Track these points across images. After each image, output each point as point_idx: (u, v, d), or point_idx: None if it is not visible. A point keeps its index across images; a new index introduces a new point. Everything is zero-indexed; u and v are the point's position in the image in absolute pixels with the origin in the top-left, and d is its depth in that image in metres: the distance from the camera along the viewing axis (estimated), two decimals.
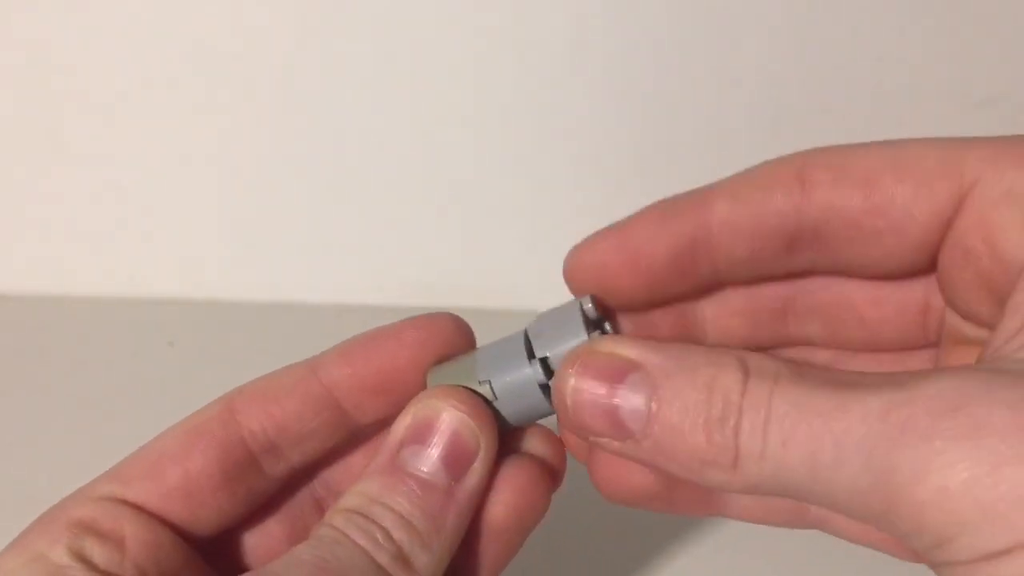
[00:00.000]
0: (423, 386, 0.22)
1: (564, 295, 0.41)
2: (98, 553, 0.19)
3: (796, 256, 0.20)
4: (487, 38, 0.41)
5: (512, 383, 0.21)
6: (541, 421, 0.22)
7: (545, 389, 0.21)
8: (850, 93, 0.42)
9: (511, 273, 0.47)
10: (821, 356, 0.22)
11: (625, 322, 0.22)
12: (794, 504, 0.21)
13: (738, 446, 0.16)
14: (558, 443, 0.22)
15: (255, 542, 0.23)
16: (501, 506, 0.21)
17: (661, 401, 0.17)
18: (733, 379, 0.17)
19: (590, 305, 0.21)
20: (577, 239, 0.46)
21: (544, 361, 0.20)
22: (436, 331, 0.22)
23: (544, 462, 0.22)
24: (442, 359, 0.22)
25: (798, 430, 0.16)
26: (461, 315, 0.23)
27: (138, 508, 0.20)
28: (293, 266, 0.47)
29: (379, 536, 0.19)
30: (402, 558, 0.19)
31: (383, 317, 0.46)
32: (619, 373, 0.18)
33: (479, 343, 0.23)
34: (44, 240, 0.47)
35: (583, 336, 0.20)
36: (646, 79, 0.42)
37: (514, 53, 0.42)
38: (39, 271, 0.48)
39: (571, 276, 0.22)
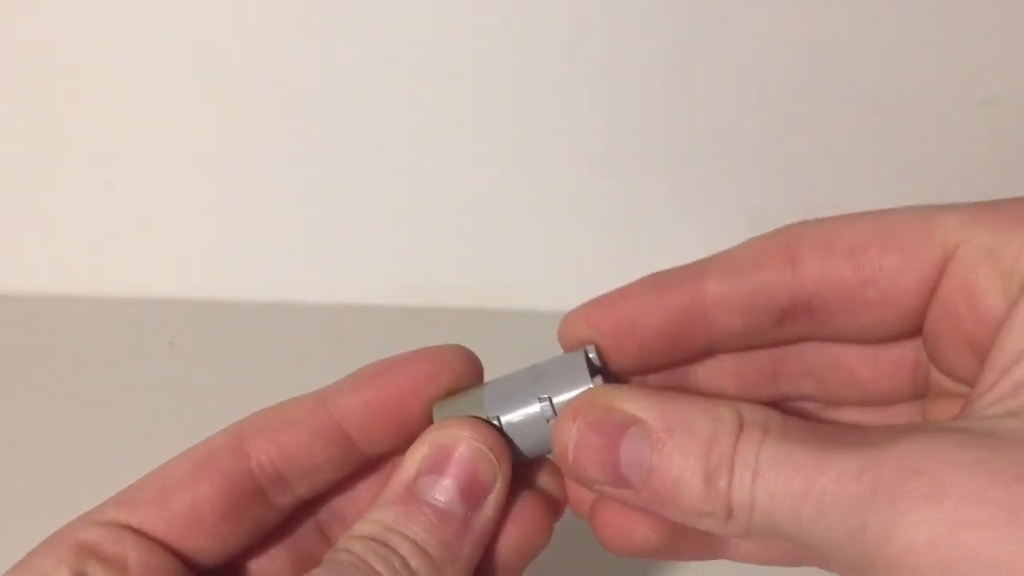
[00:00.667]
0: (429, 419, 0.22)
1: (564, 295, 0.41)
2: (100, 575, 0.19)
3: (788, 327, 0.21)
4: (487, 39, 0.41)
5: (520, 420, 0.21)
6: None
7: (551, 425, 0.21)
8: (850, 93, 0.42)
9: (511, 273, 0.47)
10: (813, 407, 0.23)
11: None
12: (793, 547, 0.21)
13: (731, 498, 0.17)
14: (560, 476, 0.23)
15: (261, 570, 0.23)
16: (509, 540, 0.21)
17: (660, 456, 0.18)
18: (728, 434, 0.18)
19: (594, 354, 0.22)
20: (576, 239, 0.46)
21: (550, 400, 0.21)
22: (445, 364, 0.22)
23: (548, 494, 0.22)
24: (452, 391, 0.22)
25: (782, 485, 0.17)
26: (461, 315, 0.24)
27: (143, 534, 0.20)
28: (293, 266, 0.47)
29: (396, 563, 0.19)
30: None
31: (383, 317, 0.46)
32: (619, 427, 0.19)
33: (478, 344, 0.23)
34: (44, 240, 0.47)
35: (587, 383, 0.21)
36: (647, 80, 0.42)
37: (514, 54, 0.42)
38: (39, 271, 0.48)
39: (565, 342, 0.22)
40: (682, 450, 0.18)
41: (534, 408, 0.21)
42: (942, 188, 0.43)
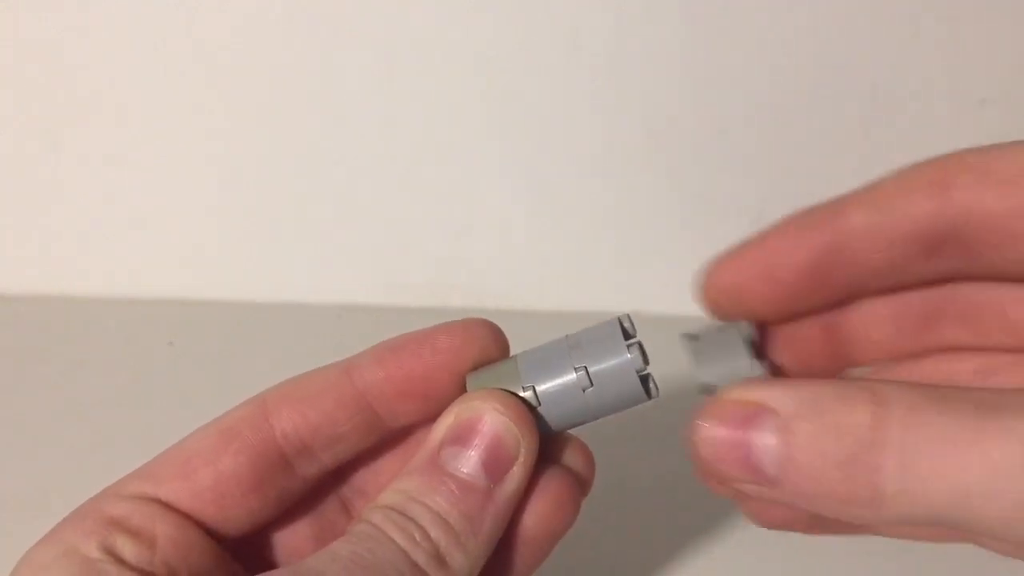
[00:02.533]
0: (462, 390, 0.22)
1: (564, 295, 0.41)
2: (129, 550, 0.19)
3: (937, 262, 0.20)
4: (487, 39, 0.41)
5: (556, 390, 0.21)
6: (576, 430, 0.22)
7: (589, 396, 0.21)
8: (851, 93, 0.42)
9: (511, 273, 0.47)
10: (969, 363, 0.22)
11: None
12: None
13: (877, 484, 0.16)
14: (588, 454, 0.23)
15: (284, 542, 0.23)
16: (535, 515, 0.21)
17: (794, 445, 0.17)
18: (866, 415, 0.16)
19: (629, 323, 0.21)
20: (577, 240, 0.46)
21: (586, 369, 0.21)
22: (471, 337, 0.22)
23: (575, 472, 0.22)
24: (479, 364, 0.22)
25: (941, 463, 0.15)
26: (461, 315, 0.24)
27: (169, 507, 0.20)
28: (293, 266, 0.47)
29: (416, 534, 0.19)
30: (438, 557, 0.19)
31: (383, 317, 0.46)
32: (750, 419, 0.18)
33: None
34: (44, 240, 0.47)
35: (624, 353, 0.21)
36: (647, 80, 0.42)
37: (514, 54, 0.42)
38: (39, 271, 0.48)
39: (709, 294, 0.21)
40: (816, 436, 0.17)
41: (570, 377, 0.21)
42: None
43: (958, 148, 0.20)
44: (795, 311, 0.21)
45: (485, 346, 0.22)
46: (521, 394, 0.21)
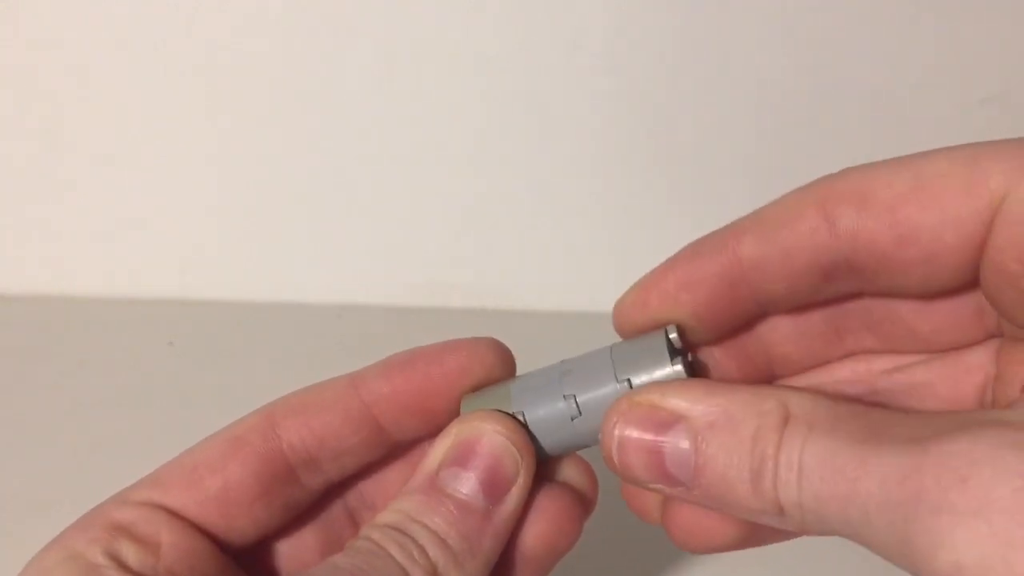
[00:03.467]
0: (457, 412, 0.22)
1: (564, 295, 0.41)
2: (133, 556, 0.20)
3: (835, 284, 0.20)
4: (487, 39, 0.41)
5: (544, 417, 0.21)
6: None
7: (577, 424, 0.21)
8: (851, 92, 0.42)
9: (511, 273, 0.47)
10: (882, 363, 0.22)
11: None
12: None
13: (779, 498, 0.17)
14: (591, 472, 0.23)
15: (289, 552, 0.23)
16: (535, 535, 0.21)
17: (705, 454, 0.18)
18: (772, 430, 0.17)
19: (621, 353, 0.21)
20: (577, 240, 0.46)
21: (575, 398, 0.21)
22: (477, 357, 0.22)
23: (577, 491, 0.22)
24: (484, 383, 0.22)
25: (827, 487, 0.16)
26: (461, 315, 0.24)
27: (175, 515, 0.21)
28: (293, 266, 0.47)
29: (415, 553, 0.19)
30: None
31: (383, 317, 0.46)
32: (663, 425, 0.18)
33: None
34: (44, 240, 0.47)
35: (612, 382, 0.20)
36: (646, 80, 0.42)
37: (514, 55, 0.42)
38: (39, 271, 0.48)
39: (620, 325, 0.22)
40: (726, 448, 0.17)
41: (559, 405, 0.21)
42: None
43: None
44: (710, 335, 0.21)
45: (491, 366, 0.22)
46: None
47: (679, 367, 0.20)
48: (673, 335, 0.21)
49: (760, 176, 0.44)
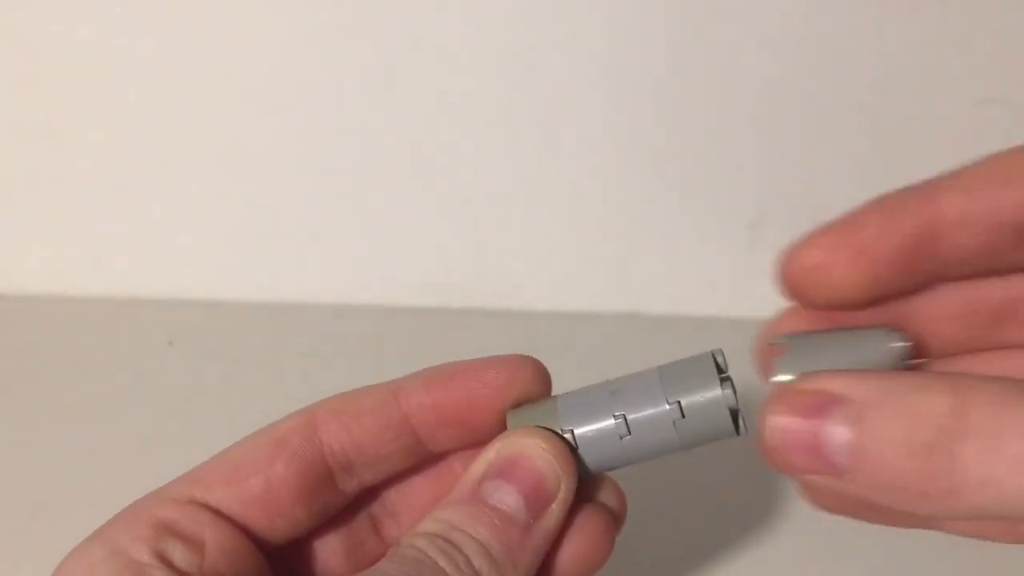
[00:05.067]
0: (503, 426, 0.22)
1: (564, 295, 0.41)
2: (179, 555, 0.20)
3: None
4: (488, 38, 0.41)
5: (593, 435, 0.22)
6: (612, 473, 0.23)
7: (626, 443, 0.21)
8: (850, 93, 0.42)
9: (511, 273, 0.47)
10: None
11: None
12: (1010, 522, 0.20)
13: (956, 474, 0.16)
14: (620, 492, 0.23)
15: (315, 554, 0.23)
16: (571, 553, 0.22)
17: (868, 433, 0.17)
18: (944, 404, 0.16)
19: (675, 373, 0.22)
20: (577, 239, 0.46)
21: (624, 418, 0.21)
22: (518, 375, 0.22)
23: (609, 509, 0.23)
24: (522, 401, 0.23)
25: (1013, 454, 0.15)
26: (461, 315, 0.24)
27: (219, 513, 0.21)
28: (293, 266, 0.47)
29: (460, 561, 0.19)
30: None
31: (383, 317, 0.46)
32: (822, 408, 0.17)
33: (478, 344, 0.23)
34: (44, 240, 0.47)
35: (663, 404, 0.21)
36: (647, 80, 0.42)
37: (514, 54, 0.42)
38: (39, 271, 0.48)
39: (792, 275, 0.21)
40: (891, 425, 0.16)
41: (608, 423, 0.21)
42: None
43: (957, 148, 0.20)
44: (876, 296, 0.20)
45: (530, 384, 0.23)
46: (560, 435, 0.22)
47: (728, 391, 0.20)
48: (720, 358, 0.21)
49: (760, 177, 0.44)
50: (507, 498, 0.20)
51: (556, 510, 0.21)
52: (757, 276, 0.46)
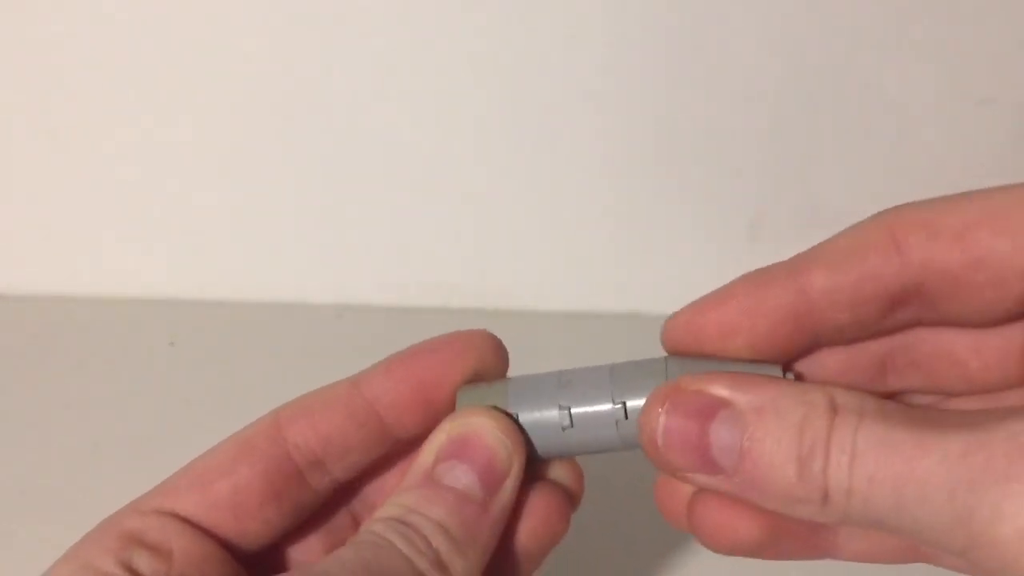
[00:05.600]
0: (453, 405, 0.22)
1: (564, 295, 0.41)
2: (146, 564, 0.20)
3: (897, 314, 0.20)
4: (487, 39, 0.41)
5: (538, 423, 0.22)
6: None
7: (567, 435, 0.22)
8: (850, 93, 0.42)
9: (511, 273, 0.47)
10: (922, 403, 0.22)
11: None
12: (903, 543, 0.21)
13: (827, 483, 0.17)
14: (577, 469, 0.23)
15: (296, 557, 0.23)
16: (526, 531, 0.22)
17: (753, 439, 0.18)
18: (822, 417, 0.17)
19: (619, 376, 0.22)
20: (577, 240, 0.46)
21: (569, 411, 0.21)
22: (472, 346, 0.23)
23: (564, 488, 0.23)
24: (474, 379, 0.23)
25: (882, 469, 0.16)
26: (461, 315, 0.24)
27: (187, 521, 0.21)
28: (293, 266, 0.47)
29: (419, 542, 0.19)
30: (440, 564, 0.19)
31: (383, 317, 0.46)
32: (709, 410, 0.18)
33: None
34: (44, 240, 0.47)
35: (608, 402, 0.21)
36: (647, 79, 0.42)
37: (514, 54, 0.42)
38: (39, 271, 0.48)
39: (670, 345, 0.22)
40: (774, 433, 0.18)
41: (552, 413, 0.21)
42: (942, 188, 0.43)
43: (957, 148, 0.20)
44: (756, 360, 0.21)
45: (485, 355, 0.23)
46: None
47: None
48: (674, 366, 0.21)
49: (760, 177, 0.44)
50: (462, 477, 0.20)
51: (510, 486, 0.21)
52: None
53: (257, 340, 0.45)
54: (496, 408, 0.22)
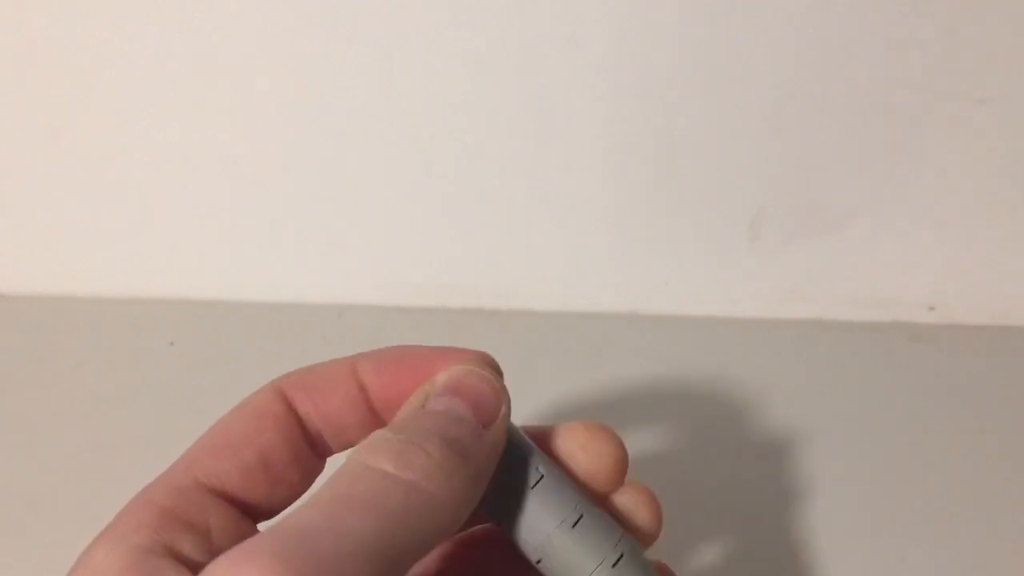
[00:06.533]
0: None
1: (564, 295, 0.41)
2: (187, 543, 0.19)
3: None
4: (487, 39, 0.41)
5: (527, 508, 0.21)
6: None
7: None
8: (851, 93, 0.42)
9: (511, 273, 0.47)
10: None
11: None
12: None
13: None
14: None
15: None
16: None
17: None
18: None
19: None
20: (577, 240, 0.46)
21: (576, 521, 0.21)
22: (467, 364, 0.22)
23: None
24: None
25: None
26: (461, 315, 0.24)
27: (220, 494, 0.21)
28: (293, 266, 0.47)
29: (412, 453, 0.19)
30: (441, 469, 0.19)
31: (383, 317, 0.46)
32: None
33: (478, 345, 0.23)
34: (44, 240, 0.47)
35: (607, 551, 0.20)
36: (647, 79, 0.42)
37: (514, 54, 0.42)
38: (39, 271, 0.48)
39: None
40: None
41: (551, 519, 0.21)
42: (942, 188, 0.43)
43: (957, 148, 0.20)
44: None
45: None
46: None
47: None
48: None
49: (760, 176, 0.44)
50: (456, 407, 0.20)
51: (500, 425, 0.21)
52: (756, 276, 0.46)
53: (257, 340, 0.45)
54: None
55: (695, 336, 0.44)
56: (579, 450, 0.22)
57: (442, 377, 0.21)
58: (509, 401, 0.21)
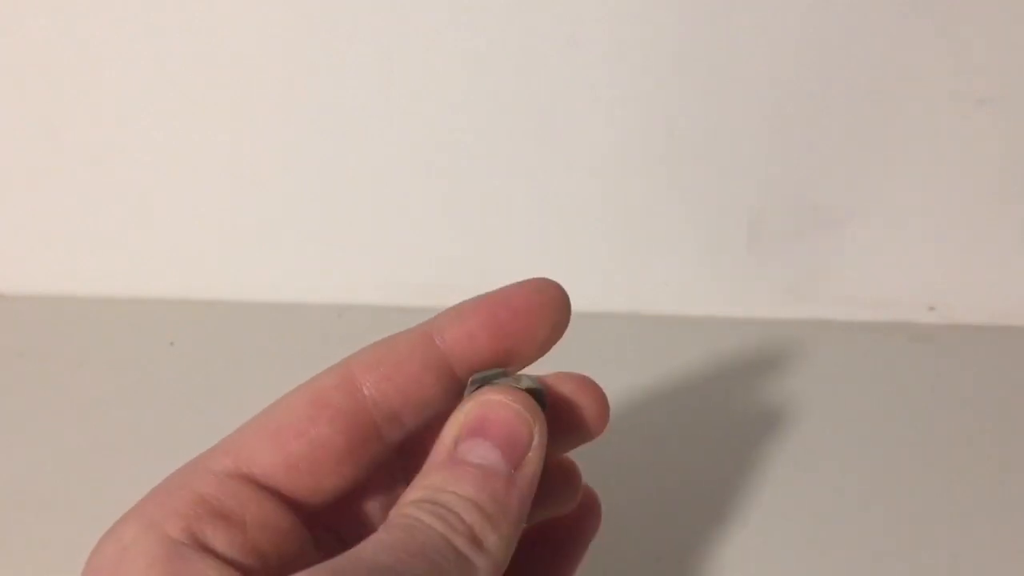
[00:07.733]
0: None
1: None
2: (220, 536, 0.19)
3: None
4: (488, 38, 0.41)
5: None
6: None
7: None
8: (850, 93, 0.42)
9: (511, 273, 0.47)
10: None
11: None
12: None
13: None
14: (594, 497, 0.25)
15: (354, 511, 0.23)
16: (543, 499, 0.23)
17: None
18: None
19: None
20: (577, 240, 0.46)
21: None
22: (548, 297, 0.23)
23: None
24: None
25: None
26: None
27: (260, 484, 0.20)
28: (293, 266, 0.47)
29: (451, 520, 0.19)
30: (475, 539, 0.19)
31: (383, 317, 0.46)
32: None
33: None
34: (44, 240, 0.47)
35: None
36: (647, 79, 0.42)
37: (514, 54, 0.42)
38: (39, 271, 0.48)
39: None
40: None
41: None
42: (942, 188, 0.43)
43: (957, 148, 0.20)
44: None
45: (558, 305, 0.23)
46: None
47: None
48: None
49: (760, 176, 0.44)
50: (486, 454, 0.20)
51: (533, 457, 0.21)
52: (756, 276, 0.46)
53: (257, 340, 0.45)
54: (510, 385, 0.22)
55: (695, 336, 0.44)
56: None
57: (468, 410, 0.21)
58: (542, 419, 0.21)
